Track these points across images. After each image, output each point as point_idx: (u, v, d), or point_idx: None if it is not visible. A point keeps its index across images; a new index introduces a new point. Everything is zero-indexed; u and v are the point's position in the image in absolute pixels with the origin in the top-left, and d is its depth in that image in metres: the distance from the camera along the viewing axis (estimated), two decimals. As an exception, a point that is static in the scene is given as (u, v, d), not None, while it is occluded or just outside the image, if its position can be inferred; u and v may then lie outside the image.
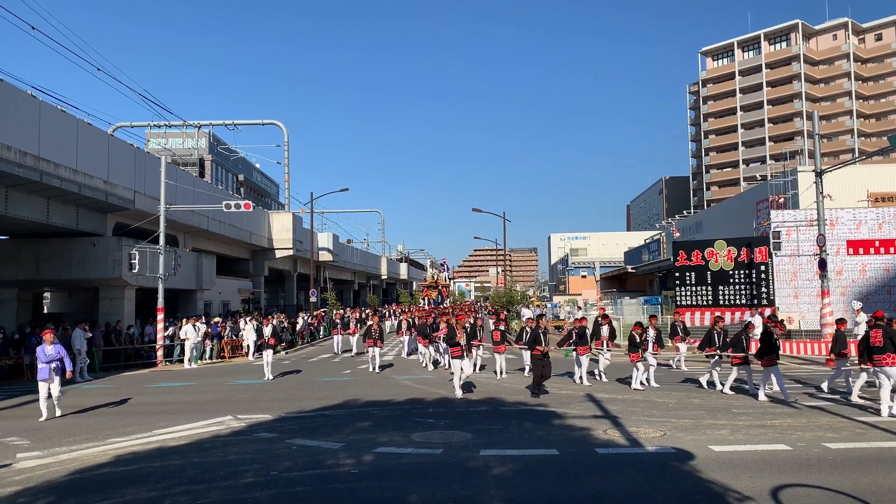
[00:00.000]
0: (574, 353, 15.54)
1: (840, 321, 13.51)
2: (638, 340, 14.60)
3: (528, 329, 15.91)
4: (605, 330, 16.35)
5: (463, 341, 13.87)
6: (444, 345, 19.11)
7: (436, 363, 19.57)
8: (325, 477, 7.44)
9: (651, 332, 15.08)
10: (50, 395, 12.05)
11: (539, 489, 6.86)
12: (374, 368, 18.78)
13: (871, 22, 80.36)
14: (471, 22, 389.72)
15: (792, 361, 19.86)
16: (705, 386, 14.18)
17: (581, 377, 15.28)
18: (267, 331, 18.23)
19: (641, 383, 14.37)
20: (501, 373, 16.61)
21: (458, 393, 13.41)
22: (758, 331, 21.28)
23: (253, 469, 7.81)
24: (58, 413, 12.04)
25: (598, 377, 15.93)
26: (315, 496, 6.76)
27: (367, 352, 19.48)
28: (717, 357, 13.93)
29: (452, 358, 13.79)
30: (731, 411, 11.32)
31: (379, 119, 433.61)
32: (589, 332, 16.16)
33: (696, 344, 15.97)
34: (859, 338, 13.84)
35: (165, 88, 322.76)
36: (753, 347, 14.21)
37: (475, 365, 17.42)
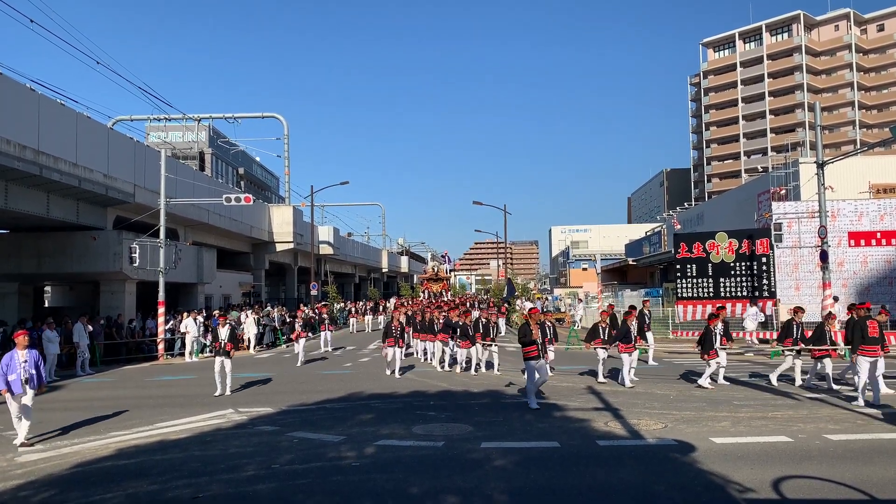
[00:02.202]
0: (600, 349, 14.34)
1: None
2: (714, 336, 13.26)
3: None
4: (632, 324, 14.72)
5: (539, 340, 11.60)
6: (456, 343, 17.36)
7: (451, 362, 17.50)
8: (326, 469, 7.46)
9: (720, 325, 14.06)
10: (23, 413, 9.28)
11: (540, 481, 6.86)
12: (394, 372, 16.02)
13: (873, 13, 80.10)
14: (470, 13, 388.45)
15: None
16: (775, 383, 13.24)
17: (622, 377, 13.83)
18: (223, 333, 14.13)
19: (711, 379, 13.35)
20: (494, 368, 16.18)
21: (534, 403, 11.20)
22: (748, 323, 21.29)
23: (254, 462, 7.82)
24: (21, 439, 9.19)
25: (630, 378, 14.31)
26: (316, 489, 6.76)
27: (385, 353, 16.61)
28: (795, 351, 13.31)
29: (527, 360, 11.47)
30: (732, 403, 11.32)
31: (380, 113, 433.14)
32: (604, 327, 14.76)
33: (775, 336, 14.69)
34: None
35: (165, 81, 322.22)
36: (839, 339, 13.50)
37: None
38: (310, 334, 20.75)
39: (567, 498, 6.40)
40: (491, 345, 16.44)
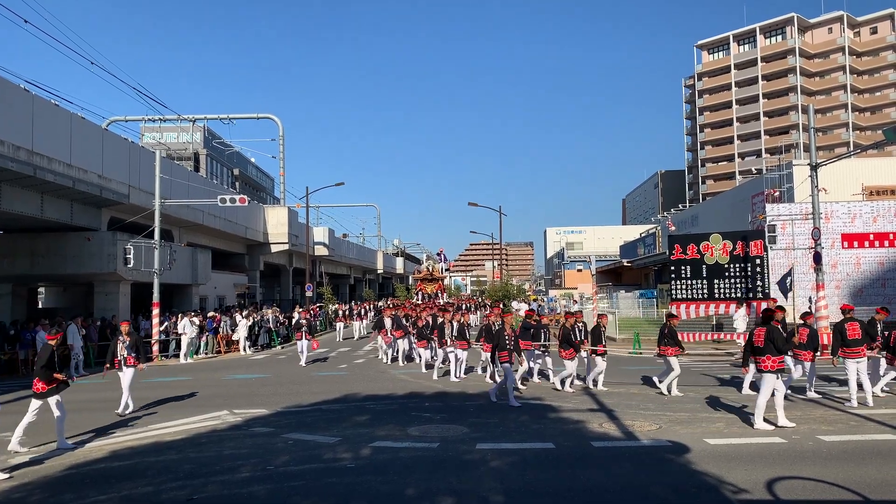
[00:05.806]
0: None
1: None
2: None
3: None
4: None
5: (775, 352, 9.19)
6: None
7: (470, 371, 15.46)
8: (322, 471, 7.45)
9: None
10: None
11: (535, 482, 6.88)
12: (514, 397, 11.80)
13: (867, 15, 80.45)
14: (466, 14, 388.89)
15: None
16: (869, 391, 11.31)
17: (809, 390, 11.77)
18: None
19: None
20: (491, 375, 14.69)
21: (767, 423, 9.17)
22: (739, 324, 21.31)
23: (250, 463, 7.81)
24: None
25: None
26: (312, 490, 6.76)
27: (504, 369, 12.17)
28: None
29: (768, 371, 9.18)
30: (726, 404, 11.36)
31: (376, 114, 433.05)
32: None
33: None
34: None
35: (160, 82, 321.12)
36: None
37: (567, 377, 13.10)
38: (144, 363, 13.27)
39: (562, 499, 6.41)
40: (603, 353, 13.55)
